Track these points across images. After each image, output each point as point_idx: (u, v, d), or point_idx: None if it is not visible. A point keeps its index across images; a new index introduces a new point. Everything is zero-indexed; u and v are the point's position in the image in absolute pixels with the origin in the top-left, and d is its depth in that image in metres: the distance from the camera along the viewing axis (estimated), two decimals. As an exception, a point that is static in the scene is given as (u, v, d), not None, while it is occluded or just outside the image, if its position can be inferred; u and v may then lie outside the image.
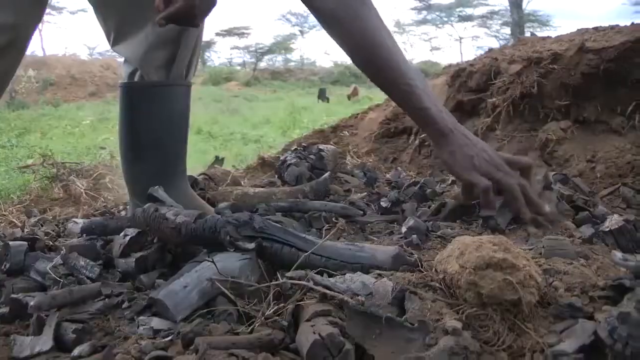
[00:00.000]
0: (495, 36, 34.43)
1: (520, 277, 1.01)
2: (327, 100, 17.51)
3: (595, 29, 3.28)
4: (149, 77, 1.85)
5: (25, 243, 1.53)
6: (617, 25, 3.22)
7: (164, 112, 1.87)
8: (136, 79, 1.87)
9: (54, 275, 1.34)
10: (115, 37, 1.87)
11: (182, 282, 1.12)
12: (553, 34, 3.71)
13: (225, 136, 9.15)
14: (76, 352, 1.01)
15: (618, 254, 1.16)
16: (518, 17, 17.40)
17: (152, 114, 1.86)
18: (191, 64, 1.90)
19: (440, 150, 1.58)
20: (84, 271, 1.35)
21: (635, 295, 1.04)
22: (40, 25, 1.61)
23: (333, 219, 1.72)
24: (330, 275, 1.15)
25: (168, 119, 1.88)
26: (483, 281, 1.00)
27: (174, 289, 1.10)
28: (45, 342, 1.05)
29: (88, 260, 1.37)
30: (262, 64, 36.70)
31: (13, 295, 1.22)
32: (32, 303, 1.14)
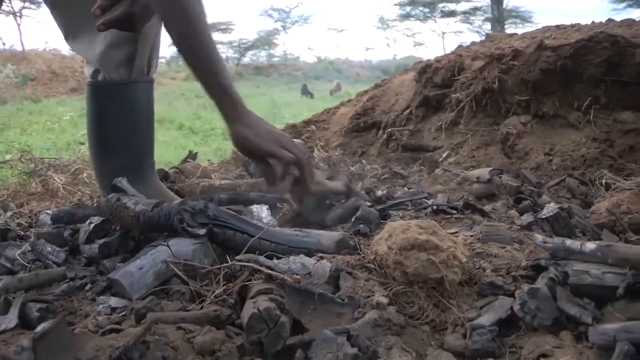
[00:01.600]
0: (478, 32, 34.61)
1: (443, 257, 1.11)
2: (311, 95, 17.56)
3: (557, 26, 3.41)
4: (109, 75, 1.91)
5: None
6: (579, 24, 3.35)
7: (128, 109, 1.93)
8: (100, 77, 1.94)
9: (22, 260, 1.42)
10: (72, 33, 1.93)
11: (138, 264, 1.21)
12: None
13: (206, 131, 9.18)
14: (39, 328, 1.10)
15: (539, 237, 1.27)
16: (498, 14, 17.53)
17: (118, 111, 1.92)
18: (152, 60, 1.97)
19: (238, 124, 1.51)
20: (51, 257, 1.43)
21: (548, 273, 1.15)
22: (18, 19, 1.66)
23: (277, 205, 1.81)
24: (278, 259, 1.25)
25: (133, 115, 1.95)
26: (408, 261, 1.10)
27: (130, 270, 1.20)
28: (10, 320, 1.13)
29: (55, 247, 1.46)
30: (246, 60, 36.61)
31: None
32: (-1, 285, 1.23)
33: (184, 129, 9.38)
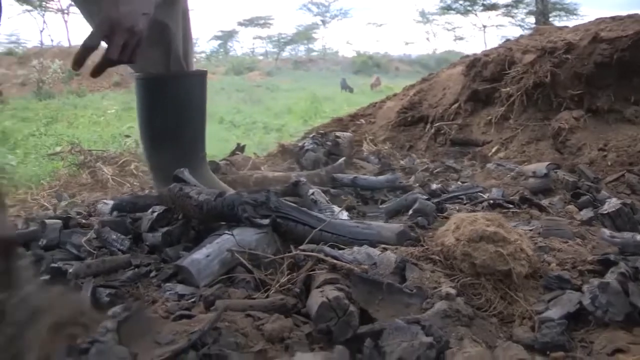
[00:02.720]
0: (520, 25, 34.00)
1: (511, 249, 1.11)
2: (351, 90, 17.53)
3: (613, 18, 3.31)
4: (145, 73, 1.92)
5: (60, 221, 1.66)
6: (637, 14, 3.25)
7: (182, 101, 1.96)
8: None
9: (88, 247, 1.47)
10: None
11: (204, 251, 1.23)
12: (579, 23, 3.74)
13: (247, 125, 9.24)
14: (110, 312, 1.13)
15: (606, 232, 1.25)
16: (543, 6, 17.16)
17: (170, 104, 1.95)
18: (187, 55, 1.96)
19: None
20: (116, 244, 1.47)
21: (618, 268, 1.13)
22: (66, 16, 1.64)
23: (342, 197, 1.82)
24: (340, 249, 1.26)
25: (187, 108, 1.97)
26: (476, 252, 1.10)
27: (197, 258, 1.22)
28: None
29: (119, 234, 1.50)
30: (285, 54, 36.88)
31: (53, 264, 1.34)
32: (70, 270, 1.26)
33: (225, 122, 9.46)
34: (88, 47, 1.37)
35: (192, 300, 1.13)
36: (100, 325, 0.86)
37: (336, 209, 1.59)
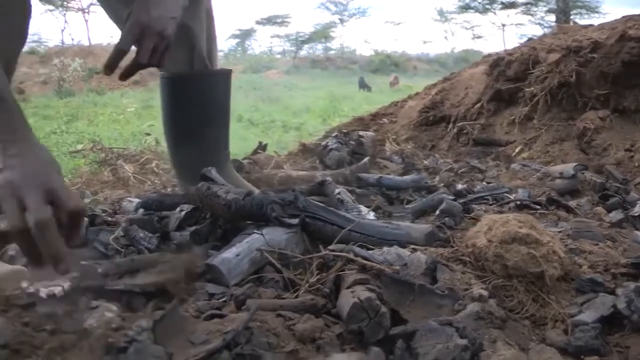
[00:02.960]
0: (540, 24, 33.70)
1: (543, 251, 1.10)
2: (369, 89, 17.49)
3: (641, 15, 3.26)
4: (171, 71, 1.91)
5: (86, 218, 1.67)
6: (666, 12, 3.20)
7: (207, 100, 1.96)
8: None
9: (115, 245, 1.47)
10: None
11: (234, 251, 1.24)
12: (601, 21, 3.69)
13: (265, 124, 9.26)
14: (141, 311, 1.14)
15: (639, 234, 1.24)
16: (564, 4, 16.98)
17: (196, 103, 1.95)
18: (211, 53, 1.95)
19: None
20: (143, 242, 1.48)
21: (653, 271, 1.12)
22: (86, 15, 1.61)
23: (372, 197, 1.82)
24: (369, 250, 1.25)
25: (211, 106, 1.97)
26: (509, 254, 1.09)
27: (227, 257, 1.22)
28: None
29: (147, 232, 1.50)
30: (302, 52, 36.86)
31: (82, 262, 1.35)
32: (99, 270, 1.27)
33: (244, 120, 9.48)
34: (120, 51, 1.39)
35: (223, 299, 1.13)
36: (135, 324, 0.86)
37: (363, 208, 1.59)
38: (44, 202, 1.01)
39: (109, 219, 1.90)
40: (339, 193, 1.66)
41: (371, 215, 1.54)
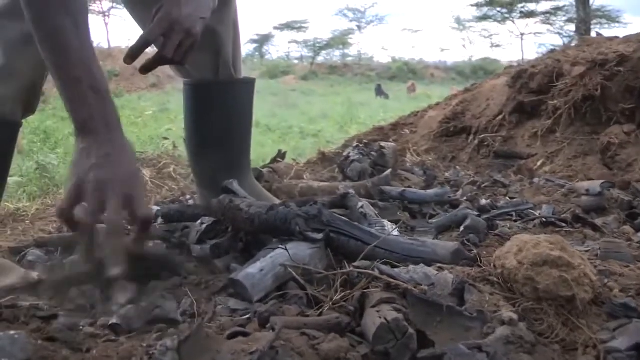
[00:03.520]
0: (559, 33, 33.50)
1: (575, 275, 1.07)
2: (386, 96, 17.46)
3: (669, 28, 3.22)
4: (194, 77, 1.92)
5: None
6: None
7: (230, 108, 1.95)
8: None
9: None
10: None
11: (258, 266, 1.22)
12: (622, 31, 3.66)
13: (283, 130, 9.30)
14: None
15: (674, 258, 1.20)
16: (584, 14, 16.83)
17: (220, 111, 1.94)
18: (236, 61, 1.94)
19: (75, 144, 1.24)
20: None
21: (689, 297, 1.09)
22: (106, 19, 1.63)
23: (398, 213, 1.80)
24: (393, 267, 1.23)
25: (234, 115, 1.96)
26: (540, 277, 1.07)
27: (251, 272, 1.21)
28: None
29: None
30: (320, 59, 36.97)
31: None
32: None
33: (261, 126, 9.51)
34: (145, 41, 1.42)
35: (247, 316, 1.12)
36: (160, 343, 0.85)
37: (387, 223, 1.57)
38: (121, 208, 1.13)
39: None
40: (362, 207, 1.64)
41: (395, 231, 1.52)
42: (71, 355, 0.98)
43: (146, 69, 1.49)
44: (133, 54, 1.43)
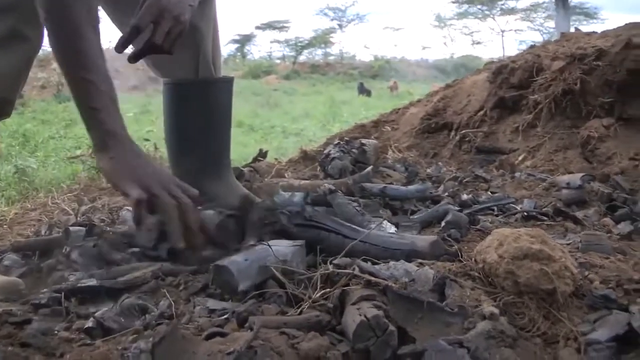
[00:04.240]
0: (539, 30, 33.82)
1: (556, 268, 1.06)
2: (369, 94, 17.45)
3: (646, 22, 3.24)
4: (175, 77, 1.90)
5: (83, 228, 1.64)
6: (670, 19, 3.18)
7: (210, 107, 1.93)
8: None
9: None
10: None
11: (242, 255, 1.22)
12: (600, 27, 3.68)
13: (265, 129, 9.25)
14: (138, 322, 1.11)
15: (654, 249, 1.20)
16: (564, 10, 16.97)
17: (199, 110, 1.93)
18: (216, 59, 1.93)
19: (101, 155, 1.35)
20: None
21: (668, 288, 1.09)
22: None
23: (380, 210, 1.79)
24: (374, 264, 1.22)
25: (214, 114, 1.94)
26: (520, 270, 1.06)
27: (237, 260, 1.20)
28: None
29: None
30: (302, 58, 36.93)
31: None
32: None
33: (243, 126, 9.47)
34: (136, 29, 1.40)
35: (225, 316, 1.10)
36: (134, 346, 0.83)
37: (385, 223, 1.56)
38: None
39: (108, 228, 1.87)
40: (359, 205, 1.64)
41: (393, 229, 1.51)
42: (44, 360, 0.95)
43: (135, 57, 1.48)
44: (123, 43, 1.42)
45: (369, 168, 2.25)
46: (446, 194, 2.07)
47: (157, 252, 1.49)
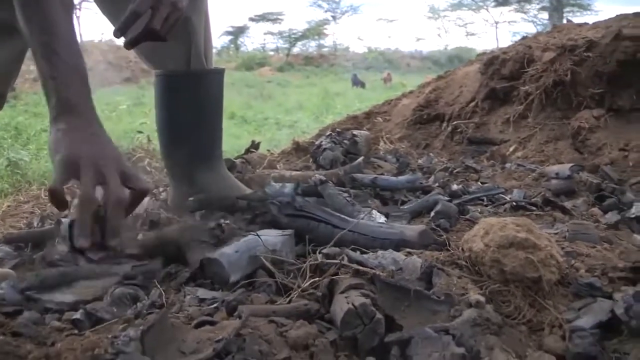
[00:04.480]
0: (533, 21, 33.80)
1: (541, 256, 1.08)
2: (363, 85, 17.44)
3: (636, 14, 3.25)
4: (166, 68, 1.91)
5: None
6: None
7: (202, 99, 1.94)
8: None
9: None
10: None
11: (233, 247, 1.23)
12: (594, 19, 3.68)
13: (259, 121, 9.25)
14: (129, 311, 1.12)
15: (639, 238, 1.22)
16: (557, 2, 17.01)
17: (191, 101, 1.94)
18: (207, 51, 1.94)
19: (51, 126, 1.17)
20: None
21: (652, 276, 1.10)
22: (78, 12, 1.61)
23: (369, 200, 1.80)
24: (362, 253, 1.23)
25: (205, 105, 1.95)
26: (506, 259, 1.07)
27: (227, 252, 1.21)
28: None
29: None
30: (295, 50, 36.82)
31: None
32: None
33: (237, 118, 9.45)
34: (135, 14, 1.39)
35: (214, 305, 1.11)
36: (123, 334, 0.84)
37: (375, 213, 1.57)
38: (120, 183, 1.10)
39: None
40: (349, 195, 1.65)
41: (382, 219, 1.53)
42: (35, 349, 0.96)
43: (131, 43, 1.47)
44: (122, 27, 1.41)
45: (360, 159, 2.26)
46: (436, 184, 2.09)
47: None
